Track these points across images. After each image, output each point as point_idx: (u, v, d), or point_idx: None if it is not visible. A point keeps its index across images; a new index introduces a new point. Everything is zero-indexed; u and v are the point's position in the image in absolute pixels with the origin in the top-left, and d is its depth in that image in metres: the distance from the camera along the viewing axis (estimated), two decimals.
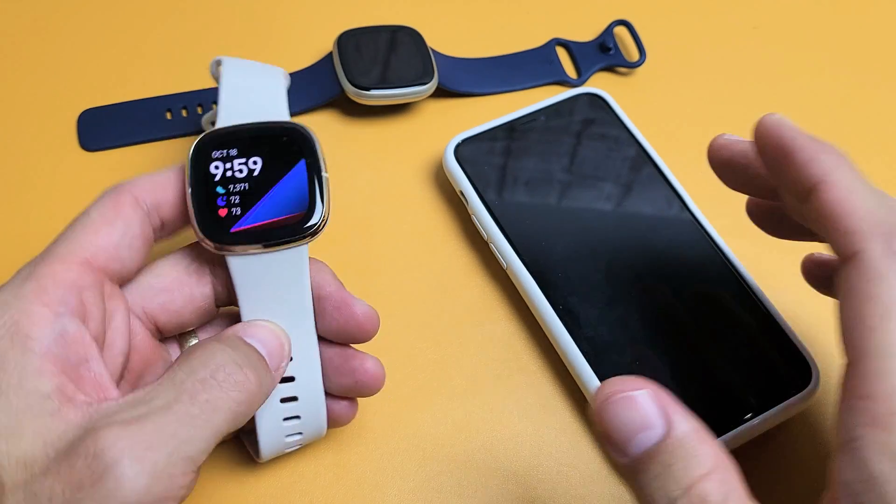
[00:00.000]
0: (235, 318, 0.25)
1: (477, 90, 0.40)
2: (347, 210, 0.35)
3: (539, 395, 0.31)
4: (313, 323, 0.26)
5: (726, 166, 0.28)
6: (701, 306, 0.32)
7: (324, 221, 0.25)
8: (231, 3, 0.42)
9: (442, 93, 0.39)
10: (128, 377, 0.25)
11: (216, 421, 0.21)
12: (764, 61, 0.43)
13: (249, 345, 0.24)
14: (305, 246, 0.25)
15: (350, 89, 0.37)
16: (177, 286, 0.26)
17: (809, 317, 0.32)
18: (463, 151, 0.35)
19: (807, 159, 0.23)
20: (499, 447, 0.30)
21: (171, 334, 0.27)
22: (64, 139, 0.37)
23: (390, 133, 0.38)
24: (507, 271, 0.33)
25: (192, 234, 0.25)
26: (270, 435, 0.26)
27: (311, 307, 0.26)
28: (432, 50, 0.39)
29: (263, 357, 0.24)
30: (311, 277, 0.26)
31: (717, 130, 0.40)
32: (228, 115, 0.26)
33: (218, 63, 0.27)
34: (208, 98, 0.38)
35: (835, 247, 0.22)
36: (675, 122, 0.40)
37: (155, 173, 0.25)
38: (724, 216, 0.34)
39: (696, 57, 0.43)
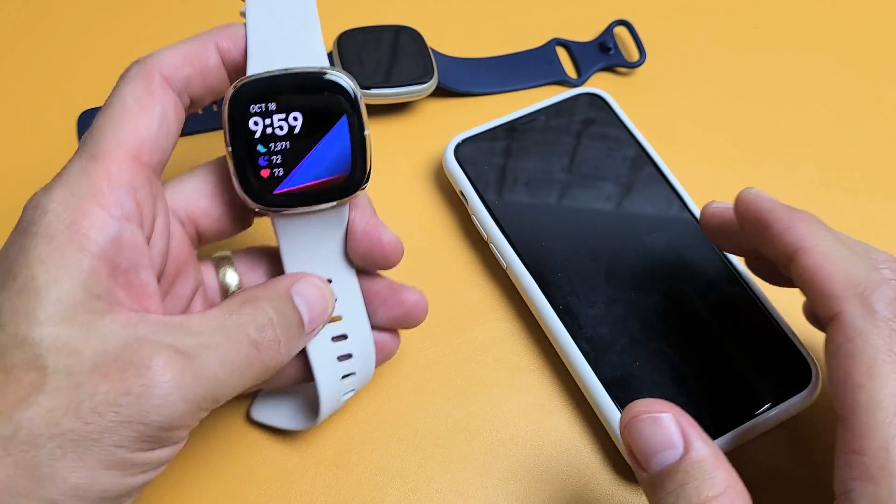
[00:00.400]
0: (271, 231, 0.26)
1: (477, 90, 0.40)
2: None
3: (539, 395, 0.31)
4: (351, 265, 0.27)
5: (717, 233, 0.29)
6: (701, 306, 0.32)
7: (366, 181, 0.25)
8: (231, 3, 0.42)
9: (442, 92, 0.39)
10: (162, 282, 0.24)
11: (246, 376, 0.23)
12: (764, 61, 0.43)
13: (296, 309, 0.25)
14: (347, 204, 0.26)
15: None
16: (219, 192, 0.26)
17: None
18: (463, 151, 0.35)
19: (783, 228, 0.25)
20: (499, 447, 0.30)
21: (209, 242, 0.27)
22: (64, 139, 0.37)
23: (390, 133, 0.38)
24: (507, 271, 0.33)
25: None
26: (328, 376, 0.27)
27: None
28: (432, 50, 0.39)
29: (304, 324, 0.25)
30: None
31: (716, 131, 0.40)
32: (260, 57, 0.24)
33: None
34: None
35: (817, 309, 0.24)
36: (675, 122, 0.40)
37: (178, 45, 0.24)
38: None
39: (696, 57, 0.43)
